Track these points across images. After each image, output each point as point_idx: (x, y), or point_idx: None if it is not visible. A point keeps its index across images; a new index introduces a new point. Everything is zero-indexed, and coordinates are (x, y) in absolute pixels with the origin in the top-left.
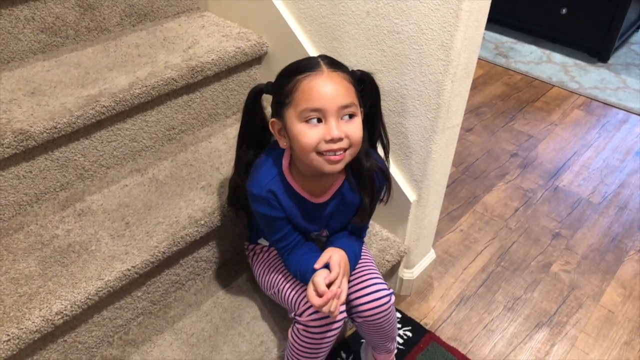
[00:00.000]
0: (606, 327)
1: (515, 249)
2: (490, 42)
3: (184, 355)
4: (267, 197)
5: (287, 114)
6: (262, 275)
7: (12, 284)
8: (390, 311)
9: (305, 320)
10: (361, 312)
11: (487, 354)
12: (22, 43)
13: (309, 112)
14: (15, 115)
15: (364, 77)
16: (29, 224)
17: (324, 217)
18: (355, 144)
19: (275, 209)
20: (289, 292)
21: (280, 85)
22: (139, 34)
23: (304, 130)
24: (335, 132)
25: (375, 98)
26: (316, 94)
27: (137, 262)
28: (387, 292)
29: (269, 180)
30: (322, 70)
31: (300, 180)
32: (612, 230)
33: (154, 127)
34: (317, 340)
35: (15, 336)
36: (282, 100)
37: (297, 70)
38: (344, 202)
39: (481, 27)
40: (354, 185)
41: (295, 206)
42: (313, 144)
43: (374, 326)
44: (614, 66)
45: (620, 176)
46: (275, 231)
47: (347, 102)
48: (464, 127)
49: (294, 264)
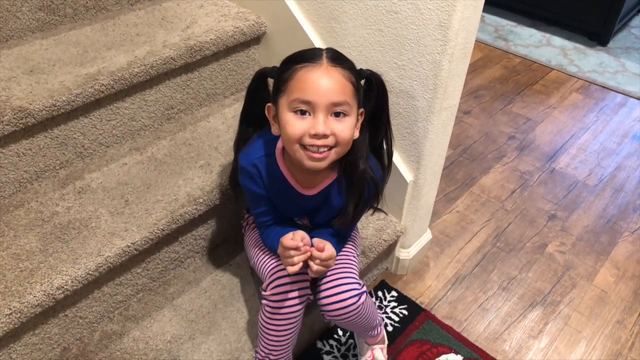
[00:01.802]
0: (599, 307)
1: (511, 230)
2: (490, 25)
3: (183, 330)
4: (251, 171)
5: (280, 101)
6: (248, 246)
7: (14, 259)
8: (359, 311)
9: (268, 294)
10: (328, 312)
11: (482, 332)
12: (20, 21)
13: (299, 103)
14: (15, 92)
15: (372, 78)
16: (30, 201)
17: (307, 209)
18: (342, 143)
19: (257, 185)
20: (262, 262)
21: (280, 71)
22: (137, 13)
23: (291, 120)
24: (320, 127)
25: (381, 100)
26: (309, 86)
27: (136, 238)
28: (357, 291)
29: (257, 157)
30: (321, 63)
31: (291, 168)
32: (607, 212)
33: (153, 107)
34: (279, 315)
35: (17, 310)
36: (279, 87)
37: (298, 59)
38: (329, 201)
39: (479, 7)
40: (343, 188)
41: (279, 190)
42: (297, 135)
43: (345, 324)
44: (614, 50)
45: (617, 159)
46: (256, 206)
47: (339, 99)
48: (462, 110)
49: (271, 238)
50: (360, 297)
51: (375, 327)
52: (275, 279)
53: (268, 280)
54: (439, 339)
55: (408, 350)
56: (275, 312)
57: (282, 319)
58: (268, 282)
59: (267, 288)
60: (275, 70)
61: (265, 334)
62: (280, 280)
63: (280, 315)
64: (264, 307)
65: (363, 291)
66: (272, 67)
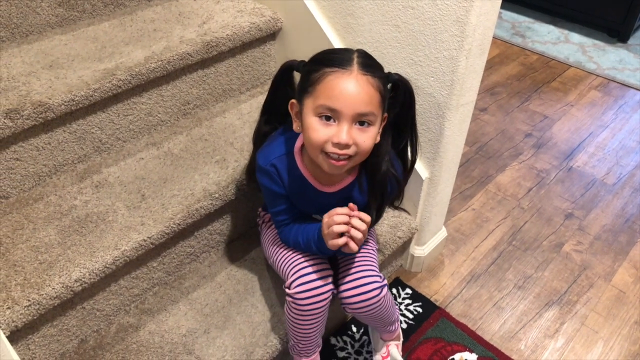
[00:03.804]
0: (617, 307)
1: (527, 229)
2: (507, 21)
3: (198, 324)
4: (269, 170)
5: (306, 101)
6: (266, 244)
7: (33, 251)
8: (381, 303)
9: (292, 292)
10: (351, 305)
11: (497, 330)
12: (40, 17)
13: (325, 109)
14: (34, 87)
15: (399, 83)
16: (48, 195)
17: (326, 205)
18: (363, 153)
19: (277, 184)
20: (283, 261)
21: (309, 71)
22: (154, 8)
23: (315, 126)
24: (344, 137)
25: (408, 105)
26: (337, 94)
27: (152, 232)
28: (379, 284)
29: (276, 157)
30: (351, 70)
31: (310, 166)
32: (625, 211)
33: (170, 102)
34: (305, 312)
35: (36, 302)
36: (306, 87)
37: (329, 62)
38: (350, 200)
39: (497, 3)
40: (364, 188)
41: (298, 188)
42: (320, 141)
43: (366, 317)
44: (634, 47)
45: (636, 158)
46: (274, 205)
47: (365, 110)
48: (479, 107)
49: (294, 234)
50: (382, 289)
51: (393, 322)
52: (299, 277)
53: (291, 278)
54: (454, 337)
55: (422, 347)
56: (300, 310)
57: (308, 315)
58: (291, 281)
59: (290, 286)
60: (303, 66)
61: (293, 328)
62: (304, 278)
63: (306, 312)
64: (289, 305)
65: (384, 284)
66: (300, 61)
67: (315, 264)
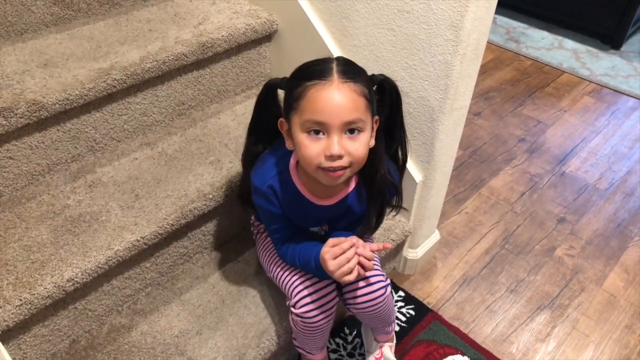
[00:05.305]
0: (608, 311)
1: (520, 233)
2: (501, 26)
3: (190, 325)
4: (266, 192)
5: (293, 118)
6: (263, 255)
7: (25, 250)
8: (385, 301)
9: (298, 312)
10: (356, 305)
11: (489, 333)
12: (35, 15)
13: (312, 124)
14: (28, 86)
15: (384, 84)
16: (41, 194)
17: (325, 218)
18: (358, 161)
19: (273, 205)
20: (285, 279)
21: (291, 87)
22: (150, 9)
23: (305, 142)
24: (335, 149)
25: (395, 106)
26: (321, 107)
27: (146, 233)
28: (383, 284)
29: (271, 177)
30: (332, 80)
31: (306, 181)
32: (617, 216)
33: (164, 102)
34: (313, 327)
35: (28, 301)
36: (291, 104)
37: (308, 75)
38: (349, 210)
39: (492, 8)
40: (363, 196)
41: (295, 205)
42: (313, 157)
43: (370, 316)
44: (627, 53)
45: (628, 163)
46: (271, 223)
47: (352, 118)
48: (473, 111)
49: (291, 253)
50: (386, 288)
51: (391, 323)
52: (303, 297)
53: (295, 298)
54: (446, 340)
55: (415, 350)
56: (308, 325)
57: (315, 327)
58: (296, 300)
59: (295, 305)
60: (285, 82)
61: (300, 336)
62: (309, 298)
63: (313, 325)
64: (295, 322)
65: (388, 283)
66: (281, 78)
67: (318, 281)
